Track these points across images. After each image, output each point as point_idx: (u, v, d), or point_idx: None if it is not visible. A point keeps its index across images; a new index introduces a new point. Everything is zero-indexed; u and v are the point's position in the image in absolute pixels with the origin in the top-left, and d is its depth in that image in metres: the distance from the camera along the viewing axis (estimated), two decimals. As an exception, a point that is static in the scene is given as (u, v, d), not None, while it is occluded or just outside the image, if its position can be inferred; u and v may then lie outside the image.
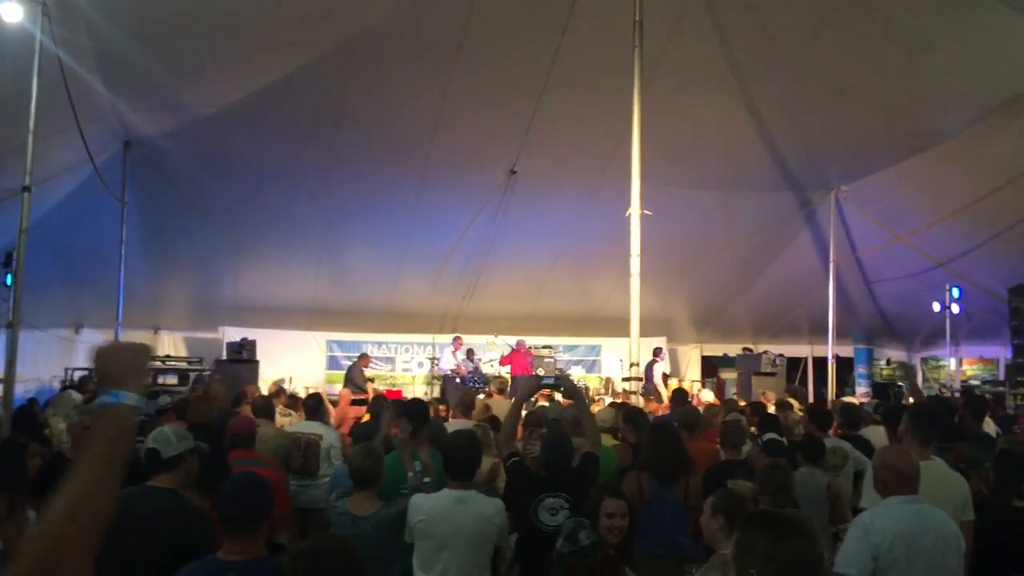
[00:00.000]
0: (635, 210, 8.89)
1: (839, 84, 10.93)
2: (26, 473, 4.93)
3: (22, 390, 8.86)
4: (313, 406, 7.88)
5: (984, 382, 17.78)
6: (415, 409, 5.83)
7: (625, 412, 7.08)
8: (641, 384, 9.85)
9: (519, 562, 4.78)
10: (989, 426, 7.74)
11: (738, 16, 9.98)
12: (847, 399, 11.59)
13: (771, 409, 9.42)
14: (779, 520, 2.39)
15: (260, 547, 3.27)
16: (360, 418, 8.71)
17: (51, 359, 9.64)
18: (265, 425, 6.80)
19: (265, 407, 7.65)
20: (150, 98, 10.36)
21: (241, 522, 3.18)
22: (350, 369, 15.36)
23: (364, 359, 15.54)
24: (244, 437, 5.66)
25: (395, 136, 12.21)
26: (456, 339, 16.63)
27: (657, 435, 5.57)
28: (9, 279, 8.97)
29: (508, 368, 16.08)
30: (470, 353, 16.71)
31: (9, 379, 7.51)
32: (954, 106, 10.97)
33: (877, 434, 6.89)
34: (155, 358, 14.91)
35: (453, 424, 7.08)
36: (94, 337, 15.32)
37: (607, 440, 6.86)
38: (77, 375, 13.16)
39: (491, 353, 17.08)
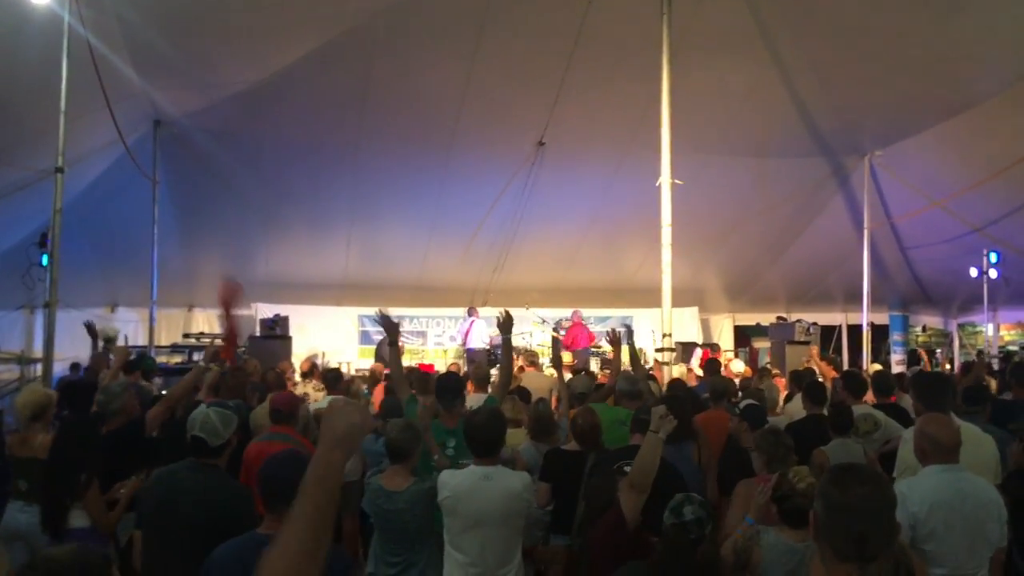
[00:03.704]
0: (665, 180, 8.81)
1: (872, 47, 10.70)
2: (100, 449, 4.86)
3: (60, 368, 8.98)
4: (332, 379, 8.02)
5: (1023, 347, 17.56)
6: (447, 384, 5.69)
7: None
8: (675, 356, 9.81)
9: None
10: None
11: (768, -21, 9.81)
12: (876, 366, 11.49)
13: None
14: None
15: None
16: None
17: (87, 338, 9.79)
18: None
19: (277, 382, 7.88)
20: (178, 78, 10.38)
21: (280, 497, 3.19)
22: (379, 344, 15.41)
23: None
24: (284, 413, 5.60)
25: (422, 110, 12.16)
26: (471, 309, 16.63)
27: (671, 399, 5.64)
28: (45, 259, 9.09)
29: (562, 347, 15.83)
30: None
31: (48, 358, 7.63)
32: (990, 68, 10.73)
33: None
34: (190, 336, 15.11)
35: (471, 399, 6.99)
36: (129, 315, 15.53)
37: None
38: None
39: (525, 326, 16.92)
